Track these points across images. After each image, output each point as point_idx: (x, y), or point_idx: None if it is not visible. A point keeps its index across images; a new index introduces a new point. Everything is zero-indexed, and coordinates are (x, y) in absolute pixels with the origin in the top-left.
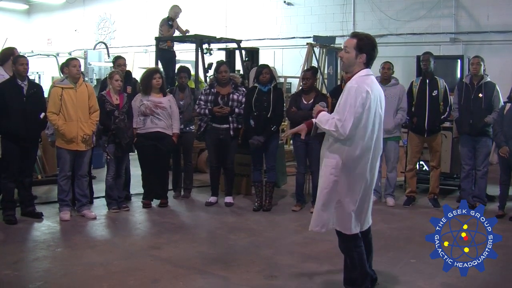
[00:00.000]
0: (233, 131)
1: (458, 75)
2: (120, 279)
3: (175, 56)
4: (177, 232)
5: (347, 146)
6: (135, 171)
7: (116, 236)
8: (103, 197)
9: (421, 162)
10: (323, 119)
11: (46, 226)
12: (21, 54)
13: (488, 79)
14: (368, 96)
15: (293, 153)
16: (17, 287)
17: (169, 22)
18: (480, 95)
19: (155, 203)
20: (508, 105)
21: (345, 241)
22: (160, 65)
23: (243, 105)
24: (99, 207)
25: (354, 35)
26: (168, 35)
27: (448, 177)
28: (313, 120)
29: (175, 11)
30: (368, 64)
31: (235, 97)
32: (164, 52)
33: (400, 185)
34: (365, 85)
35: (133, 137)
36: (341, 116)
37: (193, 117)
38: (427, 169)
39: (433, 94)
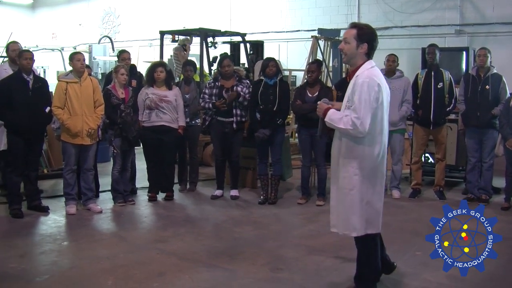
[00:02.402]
0: (236, 124)
1: (463, 67)
2: (126, 272)
3: None
4: (183, 226)
5: (366, 143)
6: (141, 164)
7: (122, 229)
8: (109, 190)
9: (427, 155)
10: (335, 118)
11: (52, 220)
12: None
13: (495, 71)
14: (380, 89)
15: (298, 146)
16: (23, 281)
17: (183, 47)
18: (487, 87)
19: (160, 196)
20: None
21: (367, 240)
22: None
23: (246, 96)
24: (105, 201)
25: (354, 25)
26: (182, 58)
27: (454, 169)
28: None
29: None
30: (369, 54)
31: (239, 89)
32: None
33: (405, 177)
34: (375, 78)
35: (139, 130)
36: (358, 113)
37: (198, 110)
38: (432, 161)
39: (439, 86)
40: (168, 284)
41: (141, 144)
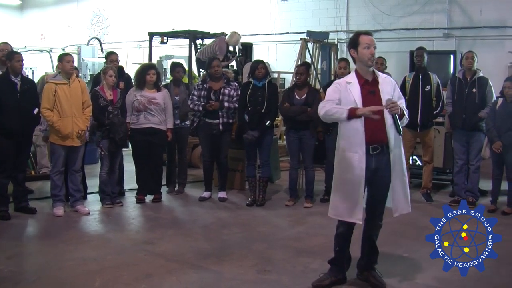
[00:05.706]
0: (222, 126)
1: (451, 70)
2: (114, 274)
3: None
4: (171, 227)
5: None
6: (129, 166)
7: (110, 231)
8: (96, 192)
9: (414, 157)
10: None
11: (40, 222)
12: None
13: (481, 74)
14: None
15: (286, 148)
16: (11, 283)
17: (227, 54)
18: (474, 90)
19: (148, 198)
20: (500, 100)
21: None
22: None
23: (233, 99)
24: (93, 203)
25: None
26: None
27: (441, 172)
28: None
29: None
30: None
31: (226, 91)
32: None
33: None
34: None
35: (127, 132)
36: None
37: (188, 112)
38: (420, 164)
39: (426, 89)
40: (156, 285)
41: (129, 146)
